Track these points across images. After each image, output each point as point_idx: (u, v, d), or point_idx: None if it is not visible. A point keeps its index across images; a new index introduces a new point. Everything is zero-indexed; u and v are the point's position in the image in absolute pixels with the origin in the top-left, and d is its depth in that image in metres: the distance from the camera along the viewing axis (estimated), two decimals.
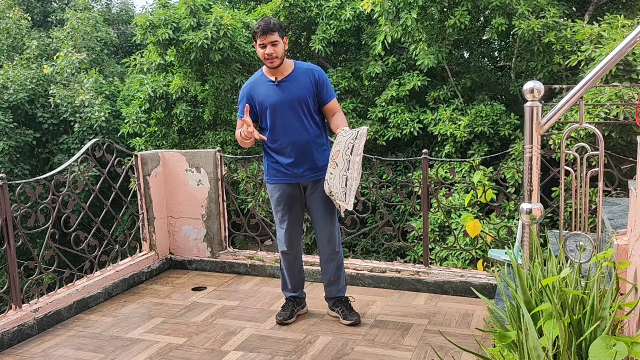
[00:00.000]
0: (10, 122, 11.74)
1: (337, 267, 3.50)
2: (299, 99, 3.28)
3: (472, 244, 6.42)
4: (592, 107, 5.66)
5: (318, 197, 3.36)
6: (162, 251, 4.72)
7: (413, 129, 8.61)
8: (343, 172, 3.12)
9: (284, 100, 3.27)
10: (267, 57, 3.21)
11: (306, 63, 3.43)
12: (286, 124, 3.28)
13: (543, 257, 2.17)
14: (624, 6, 8.59)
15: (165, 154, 4.70)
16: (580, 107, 2.56)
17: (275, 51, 3.20)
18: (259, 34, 3.19)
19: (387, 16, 7.97)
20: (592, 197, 5.21)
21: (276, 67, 3.27)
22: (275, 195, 3.42)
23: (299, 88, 3.29)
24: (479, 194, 4.12)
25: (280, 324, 3.51)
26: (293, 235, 3.47)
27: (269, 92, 3.30)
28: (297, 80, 3.31)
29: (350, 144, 3.13)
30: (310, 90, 3.31)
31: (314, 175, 3.34)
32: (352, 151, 3.11)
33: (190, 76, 9.66)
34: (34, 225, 3.78)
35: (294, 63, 3.37)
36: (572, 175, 2.73)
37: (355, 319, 3.45)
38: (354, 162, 3.10)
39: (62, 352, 3.24)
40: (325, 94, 3.36)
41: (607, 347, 1.55)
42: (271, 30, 3.17)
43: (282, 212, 3.43)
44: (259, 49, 3.24)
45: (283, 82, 3.30)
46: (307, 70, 3.35)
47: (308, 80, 3.31)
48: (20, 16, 14.72)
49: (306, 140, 3.29)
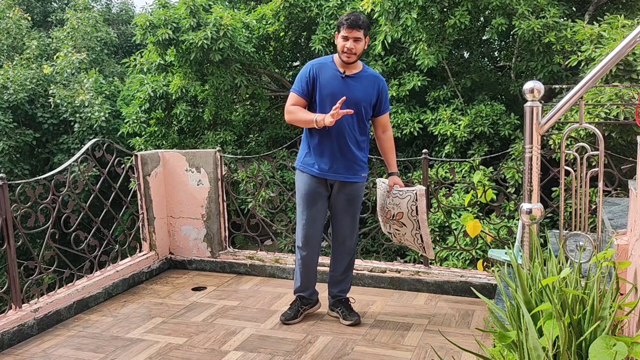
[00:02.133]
0: (10, 122, 11.74)
1: (346, 267, 3.51)
2: (359, 100, 3.25)
3: (472, 244, 6.42)
4: (592, 107, 5.66)
5: (343, 198, 3.35)
6: (162, 251, 4.72)
7: (413, 129, 8.61)
8: (415, 231, 3.32)
9: (345, 95, 3.17)
10: (346, 50, 3.18)
11: (372, 69, 3.44)
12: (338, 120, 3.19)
13: (543, 257, 2.17)
14: (624, 6, 8.59)
15: (165, 154, 4.70)
16: (580, 107, 2.56)
17: (355, 47, 3.18)
18: (345, 26, 3.16)
19: (387, 16, 7.97)
20: (592, 197, 5.21)
21: (350, 63, 3.25)
22: (301, 186, 3.38)
23: (363, 90, 3.27)
24: (479, 194, 4.12)
25: (284, 324, 3.51)
26: (310, 231, 3.38)
27: (333, 81, 3.25)
28: (363, 82, 3.29)
29: (413, 205, 3.28)
30: (373, 97, 3.32)
31: (344, 176, 3.31)
32: (417, 211, 3.28)
33: (190, 76, 9.66)
34: (34, 225, 3.78)
35: (362, 64, 3.36)
36: (572, 175, 2.73)
37: (355, 319, 3.44)
38: (423, 220, 3.29)
39: (62, 352, 3.24)
40: (383, 105, 3.38)
41: (607, 347, 1.55)
42: (359, 27, 3.15)
43: (305, 206, 3.38)
44: (341, 40, 3.20)
45: (349, 78, 3.26)
46: (374, 76, 3.35)
47: (373, 86, 3.31)
48: (20, 16, 14.72)
49: (349, 141, 3.27)
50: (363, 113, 3.29)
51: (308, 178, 3.34)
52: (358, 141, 3.31)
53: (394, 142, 3.49)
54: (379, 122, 3.41)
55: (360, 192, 3.41)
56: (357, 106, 3.24)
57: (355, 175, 3.33)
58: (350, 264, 3.53)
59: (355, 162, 3.31)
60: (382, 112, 3.38)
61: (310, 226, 3.38)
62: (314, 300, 3.63)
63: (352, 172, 3.32)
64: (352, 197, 3.37)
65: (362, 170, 3.36)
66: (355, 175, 3.33)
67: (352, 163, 3.30)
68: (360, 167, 3.34)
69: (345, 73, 3.26)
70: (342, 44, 3.19)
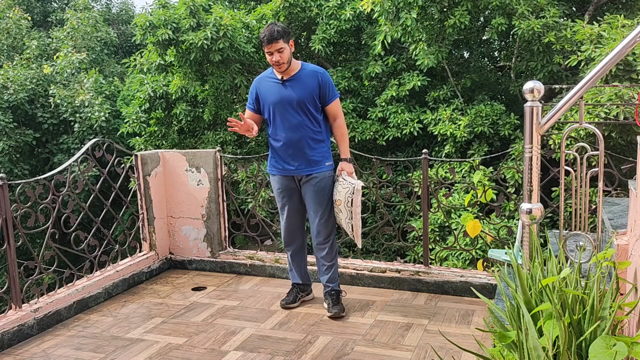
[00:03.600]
0: (10, 122, 11.74)
1: (326, 257, 3.66)
2: (301, 99, 3.46)
3: (472, 244, 6.42)
4: (592, 107, 5.66)
5: (310, 190, 3.56)
6: (162, 251, 4.72)
7: (413, 129, 8.61)
8: (348, 220, 3.49)
9: (286, 98, 3.47)
10: (274, 63, 3.43)
11: (312, 65, 3.62)
12: (284, 121, 3.49)
13: (543, 257, 2.17)
14: (624, 6, 8.59)
15: (165, 154, 4.70)
16: (580, 107, 2.56)
17: (281, 57, 3.40)
18: (265, 43, 3.38)
19: (387, 16, 7.97)
20: (592, 197, 5.21)
21: (285, 71, 3.47)
22: (275, 186, 3.67)
23: (302, 88, 3.48)
24: (479, 194, 4.12)
25: (284, 308, 3.71)
26: (292, 225, 3.69)
27: (272, 90, 3.51)
28: (302, 81, 3.50)
29: (350, 197, 3.46)
30: (315, 91, 3.50)
31: (306, 170, 3.53)
32: (352, 203, 3.45)
33: (190, 76, 9.66)
34: (34, 225, 3.78)
35: (300, 64, 3.55)
36: (572, 175, 2.73)
37: (336, 312, 3.57)
38: (356, 213, 3.46)
39: (62, 352, 3.24)
40: (328, 95, 3.55)
41: (607, 347, 1.55)
42: (275, 39, 3.35)
43: (282, 203, 3.67)
44: (267, 55, 3.43)
45: (288, 82, 3.49)
46: (313, 71, 3.54)
47: (313, 81, 3.50)
48: (20, 16, 14.71)
49: (301, 138, 3.49)
50: (310, 108, 3.49)
51: (279, 178, 3.63)
52: (313, 135, 3.51)
53: (345, 129, 3.68)
54: (328, 111, 3.59)
55: (326, 182, 3.57)
56: (301, 103, 3.47)
57: (317, 166, 3.54)
58: (329, 254, 3.67)
59: (314, 155, 3.52)
60: (329, 101, 3.55)
61: (289, 219, 3.67)
62: (309, 289, 3.89)
63: (314, 164, 3.53)
64: (319, 187, 3.57)
65: (324, 161, 3.57)
66: (317, 166, 3.54)
67: (311, 157, 3.52)
68: (322, 158, 3.55)
69: (283, 78, 3.50)
70: (269, 58, 3.43)
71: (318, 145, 3.53)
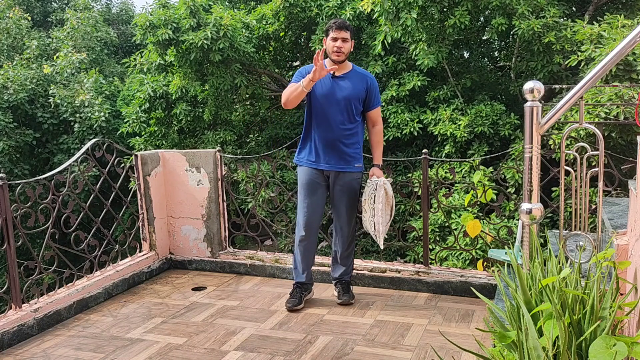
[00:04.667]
0: (10, 122, 11.73)
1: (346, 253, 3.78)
2: (348, 98, 3.53)
3: (472, 244, 6.42)
4: (592, 107, 5.66)
5: (338, 189, 3.63)
6: (162, 251, 4.72)
7: (413, 129, 8.61)
8: (370, 218, 3.55)
9: (333, 94, 3.53)
10: (335, 49, 3.48)
11: (362, 68, 3.72)
12: (327, 115, 3.52)
13: (543, 257, 2.17)
14: (624, 6, 8.59)
15: (165, 153, 4.70)
16: (580, 107, 2.56)
17: (344, 46, 3.48)
18: (333, 28, 3.47)
19: (387, 16, 7.97)
20: (592, 197, 5.21)
21: (339, 62, 3.52)
22: (301, 177, 3.68)
23: (352, 88, 3.55)
24: (479, 194, 4.12)
25: (290, 311, 3.69)
26: (312, 219, 3.67)
27: (323, 82, 3.54)
28: (352, 81, 3.57)
29: (372, 194, 3.53)
30: (362, 94, 3.58)
31: (337, 167, 3.59)
32: (374, 200, 3.49)
33: (190, 76, 9.66)
34: (34, 225, 3.78)
35: (352, 65, 3.63)
36: (572, 175, 2.73)
37: (345, 299, 3.74)
38: (378, 209, 3.51)
39: (62, 352, 3.24)
40: (373, 101, 3.65)
41: (607, 347, 1.55)
42: (346, 28, 3.47)
43: (304, 195, 3.67)
44: (330, 42, 3.50)
45: (339, 78, 3.57)
46: (363, 74, 3.64)
47: (362, 83, 3.58)
48: (20, 16, 14.71)
49: (339, 135, 3.55)
50: (353, 109, 3.57)
51: (307, 170, 3.66)
52: (349, 135, 3.58)
53: (382, 136, 3.78)
54: (369, 116, 3.70)
55: (354, 183, 3.68)
56: (347, 103, 3.53)
57: (348, 165, 3.61)
58: (349, 251, 3.80)
59: (347, 154, 3.59)
60: (372, 107, 3.67)
61: (310, 213, 3.66)
62: (310, 287, 3.88)
63: (345, 163, 3.60)
64: (347, 187, 3.62)
65: (355, 161, 3.62)
66: (348, 165, 3.61)
67: (344, 155, 3.59)
68: (353, 158, 3.62)
69: (334, 74, 3.55)
70: (332, 44, 3.49)
71: (352, 146, 3.60)
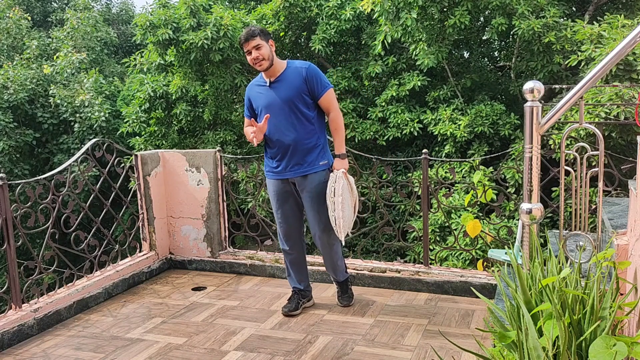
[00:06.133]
0: (10, 122, 11.74)
1: (330, 258, 3.64)
2: (287, 99, 3.39)
3: (472, 244, 6.42)
4: (592, 107, 5.66)
5: (306, 192, 3.49)
6: (162, 251, 4.72)
7: (413, 129, 8.61)
8: (332, 212, 3.37)
9: (273, 101, 3.40)
10: (254, 61, 3.34)
11: (298, 61, 3.49)
12: (275, 124, 3.41)
13: (543, 257, 2.17)
14: (624, 6, 8.59)
15: (165, 153, 4.70)
16: (580, 107, 2.56)
17: (260, 54, 3.31)
18: (242, 42, 3.34)
19: (387, 16, 7.97)
20: (592, 197, 5.21)
21: (266, 70, 3.37)
22: (270, 190, 3.61)
23: (288, 88, 3.40)
24: (479, 194, 4.12)
25: (286, 315, 3.62)
26: (290, 230, 3.61)
27: (261, 95, 3.45)
28: (287, 80, 3.41)
29: (332, 187, 3.37)
30: (302, 87, 3.39)
31: (301, 171, 3.44)
32: (334, 193, 3.35)
33: (190, 76, 9.66)
34: (34, 225, 3.78)
35: (286, 63, 3.46)
36: (572, 175, 2.73)
37: (345, 303, 3.71)
38: (338, 202, 3.33)
39: (62, 352, 3.24)
40: (318, 89, 3.41)
41: (607, 347, 1.55)
42: (252, 36, 3.30)
43: (277, 207, 3.59)
44: (247, 56, 3.37)
45: (275, 84, 3.41)
46: (296, 68, 3.42)
47: (298, 78, 3.40)
48: (20, 16, 14.71)
49: (293, 139, 3.39)
50: (300, 107, 3.38)
51: (274, 181, 3.55)
52: (305, 135, 3.40)
53: (340, 122, 3.50)
54: (321, 105, 3.46)
55: (321, 184, 3.44)
56: (290, 104, 3.37)
57: (311, 166, 3.43)
58: (333, 256, 3.62)
59: (307, 155, 3.42)
60: (319, 95, 3.42)
61: (286, 224, 3.59)
62: (309, 294, 3.80)
63: (308, 165, 3.43)
64: (314, 190, 3.44)
65: (318, 160, 3.45)
66: (311, 166, 3.43)
67: (305, 157, 3.42)
68: (315, 157, 3.43)
69: (270, 81, 3.42)
70: (249, 58, 3.35)
71: (311, 145, 3.42)
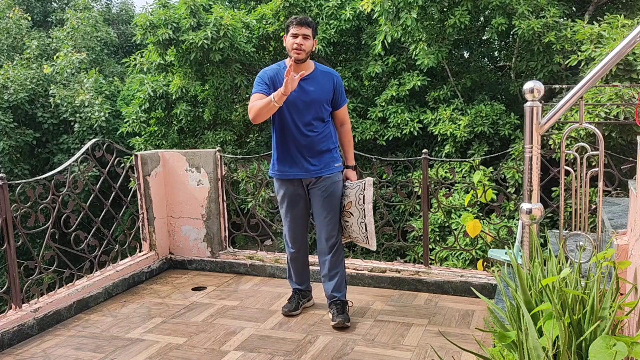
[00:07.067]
0: (10, 122, 11.73)
1: (331, 265, 3.48)
2: (316, 101, 3.33)
3: (472, 244, 6.42)
4: (592, 107, 5.66)
5: (318, 194, 3.42)
6: (162, 251, 4.72)
7: (413, 129, 8.61)
8: (360, 219, 3.40)
9: (301, 98, 3.29)
10: (295, 46, 3.23)
11: (324, 66, 3.49)
12: (297, 122, 3.33)
13: (543, 257, 2.17)
14: (624, 6, 8.59)
15: (165, 153, 4.70)
16: (580, 107, 2.56)
17: (304, 44, 3.24)
18: (294, 23, 3.24)
19: (387, 16, 7.97)
20: (592, 197, 5.21)
21: (300, 61, 3.28)
22: (280, 191, 3.50)
23: (319, 89, 3.34)
24: (479, 194, 4.12)
25: (286, 315, 3.61)
26: (297, 232, 3.54)
27: None
28: (318, 81, 3.36)
29: (361, 194, 3.39)
30: (329, 93, 3.39)
31: (315, 172, 3.39)
32: (364, 200, 3.38)
33: (190, 76, 9.66)
34: (34, 225, 3.78)
35: (314, 64, 3.42)
36: (572, 175, 2.73)
37: (339, 321, 3.38)
38: (369, 210, 3.38)
39: (62, 352, 3.24)
40: (340, 100, 3.46)
41: (607, 347, 1.55)
42: (307, 24, 3.24)
43: (286, 209, 3.50)
44: (290, 38, 3.25)
45: (303, 81, 3.29)
46: (328, 73, 3.42)
47: (329, 83, 3.39)
48: (20, 16, 14.71)
49: (312, 139, 3.35)
50: (322, 111, 3.37)
51: (284, 182, 3.45)
52: (322, 138, 3.38)
53: (352, 135, 3.59)
54: (337, 115, 3.49)
55: (335, 186, 3.43)
56: (315, 106, 3.33)
57: (326, 168, 3.40)
58: (337, 261, 3.49)
59: (323, 156, 3.40)
60: (339, 106, 3.46)
61: (294, 227, 3.52)
62: (309, 294, 3.78)
63: (324, 166, 3.40)
64: (328, 191, 3.40)
65: (333, 162, 3.43)
66: (326, 168, 3.40)
67: (320, 158, 3.39)
68: (331, 159, 3.42)
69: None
70: (292, 41, 3.24)
71: (326, 148, 3.40)
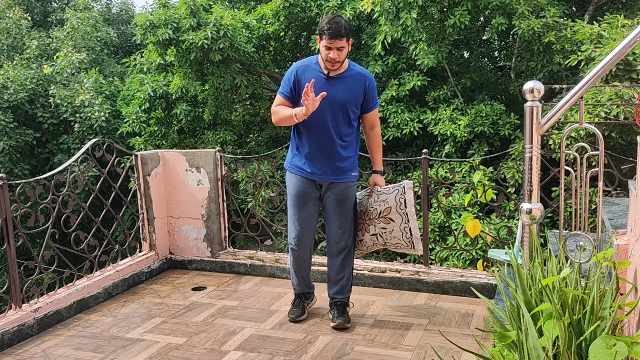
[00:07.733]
0: (10, 122, 11.73)
1: (339, 268, 3.44)
2: (344, 101, 3.20)
3: (472, 244, 6.42)
4: (592, 107, 5.66)
5: (332, 199, 3.33)
6: (162, 251, 4.72)
7: (413, 129, 8.61)
8: (404, 224, 3.30)
9: (329, 98, 3.13)
10: (330, 60, 3.11)
11: (359, 66, 3.35)
12: (321, 121, 3.20)
13: (543, 257, 2.17)
14: (624, 6, 8.59)
15: (165, 153, 4.70)
16: (580, 107, 2.56)
17: (339, 56, 3.11)
18: (327, 36, 3.06)
19: (387, 16, 7.97)
20: (592, 197, 5.20)
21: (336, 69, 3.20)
22: (291, 187, 3.38)
23: (348, 91, 3.21)
24: (479, 194, 4.12)
25: (293, 322, 3.51)
26: (304, 234, 3.40)
27: (317, 83, 3.13)
28: (348, 83, 3.22)
29: (401, 198, 3.30)
30: (359, 96, 3.25)
31: (331, 177, 3.29)
32: (406, 204, 3.27)
33: (190, 76, 9.66)
34: (34, 225, 3.78)
35: (348, 62, 3.27)
36: (572, 175, 2.73)
37: (340, 322, 3.37)
38: (412, 213, 3.29)
39: (62, 352, 3.24)
40: (371, 103, 3.32)
41: (607, 347, 1.55)
42: (340, 36, 3.06)
43: (296, 207, 3.37)
44: (324, 49, 3.12)
45: (334, 79, 3.20)
46: (360, 74, 3.26)
47: (359, 85, 3.24)
48: (20, 16, 14.71)
49: (335, 142, 3.24)
50: (350, 113, 3.23)
51: (297, 179, 3.34)
52: (345, 142, 3.27)
53: (381, 139, 3.45)
54: (367, 119, 3.37)
55: (350, 192, 3.36)
56: (343, 107, 3.20)
57: (343, 175, 3.30)
58: (344, 266, 3.43)
59: (342, 162, 3.28)
60: (370, 110, 3.33)
61: (301, 226, 3.38)
62: (312, 294, 3.70)
63: (341, 173, 3.29)
64: (342, 197, 3.33)
65: (351, 170, 3.33)
66: (343, 175, 3.30)
67: (339, 164, 3.27)
68: (349, 167, 3.31)
69: (329, 74, 3.20)
70: (326, 53, 3.12)
71: (348, 153, 3.28)
